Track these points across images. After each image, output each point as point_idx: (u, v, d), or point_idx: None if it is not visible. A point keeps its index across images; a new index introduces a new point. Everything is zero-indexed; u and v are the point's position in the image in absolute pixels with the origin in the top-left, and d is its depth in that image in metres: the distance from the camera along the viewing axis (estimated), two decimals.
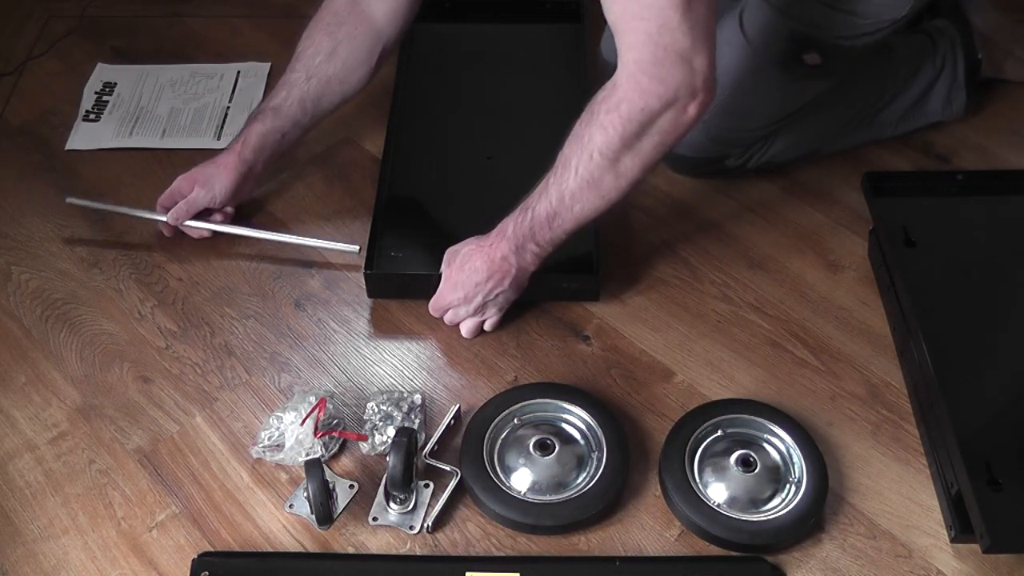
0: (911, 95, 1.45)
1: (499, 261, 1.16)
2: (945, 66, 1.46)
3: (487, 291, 1.18)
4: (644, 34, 0.98)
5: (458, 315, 1.22)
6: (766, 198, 1.42)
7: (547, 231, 1.13)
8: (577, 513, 1.05)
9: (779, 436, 1.10)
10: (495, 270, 1.17)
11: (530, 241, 1.14)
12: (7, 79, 1.63)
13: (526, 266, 1.17)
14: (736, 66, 1.30)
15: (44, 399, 1.19)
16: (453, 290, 1.19)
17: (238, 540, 1.06)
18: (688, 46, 0.99)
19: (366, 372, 1.21)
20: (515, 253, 1.15)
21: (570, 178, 1.08)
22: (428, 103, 1.50)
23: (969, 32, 1.48)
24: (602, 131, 1.04)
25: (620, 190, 1.09)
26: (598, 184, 1.08)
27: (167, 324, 1.27)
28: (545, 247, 1.15)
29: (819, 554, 1.04)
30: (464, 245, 1.20)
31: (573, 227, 1.13)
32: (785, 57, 1.27)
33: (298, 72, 1.30)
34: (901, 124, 1.47)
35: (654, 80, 1.00)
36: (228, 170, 1.30)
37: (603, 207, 1.11)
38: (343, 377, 1.21)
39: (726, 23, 1.31)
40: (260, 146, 1.31)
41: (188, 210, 1.31)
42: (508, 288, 1.18)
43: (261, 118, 1.31)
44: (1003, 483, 1.01)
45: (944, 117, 1.49)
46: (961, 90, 1.47)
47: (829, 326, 1.26)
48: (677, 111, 1.02)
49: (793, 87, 1.32)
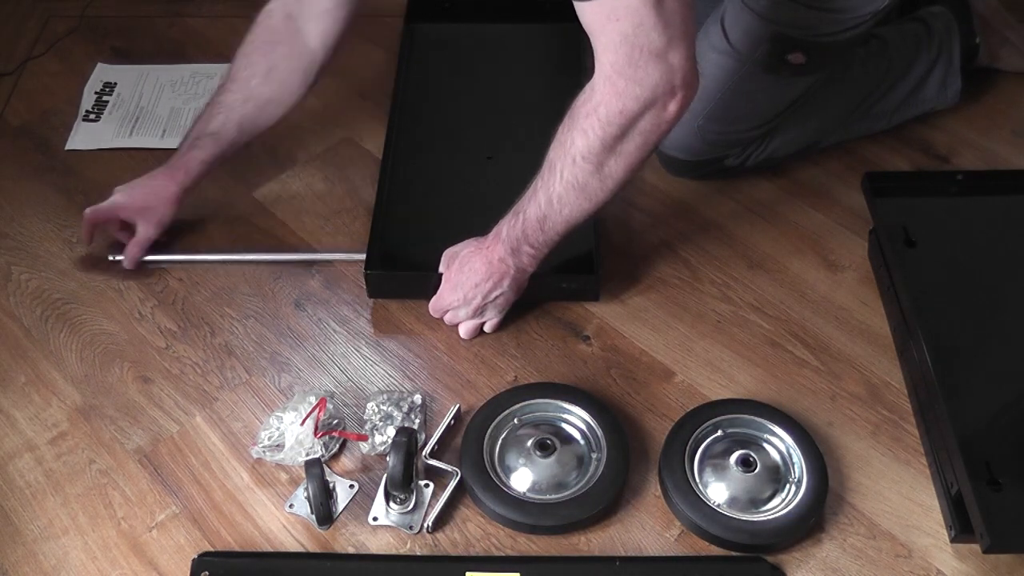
0: (907, 84, 1.45)
1: (497, 263, 1.16)
2: (941, 52, 1.46)
3: (486, 292, 1.18)
4: (619, 35, 0.97)
5: (457, 316, 1.22)
6: (766, 198, 1.42)
7: (539, 233, 1.13)
8: (577, 513, 1.05)
9: (779, 436, 1.10)
10: (493, 271, 1.17)
11: (524, 243, 1.14)
12: (7, 79, 1.63)
13: (524, 267, 1.17)
14: (723, 72, 1.31)
15: (44, 399, 1.19)
16: (453, 291, 1.19)
17: (238, 540, 1.06)
18: (664, 44, 0.97)
19: (366, 372, 1.21)
20: (512, 255, 1.16)
21: (556, 182, 1.08)
22: (428, 103, 1.50)
23: (968, 16, 1.48)
24: (583, 136, 1.04)
25: (607, 191, 1.09)
26: (583, 188, 1.07)
27: (167, 324, 1.27)
28: (540, 248, 1.15)
29: (819, 554, 1.04)
30: (463, 247, 1.20)
31: (564, 228, 1.13)
32: (770, 59, 1.27)
33: (234, 94, 1.30)
34: (897, 113, 1.47)
35: (631, 82, 0.99)
36: (171, 203, 1.30)
37: (591, 208, 1.11)
38: (343, 377, 1.21)
39: (710, 29, 1.31)
40: (201, 174, 1.31)
41: (143, 249, 1.30)
42: (507, 289, 1.19)
43: (201, 145, 1.30)
44: (1003, 483, 1.01)
45: (939, 104, 1.49)
46: (956, 75, 1.47)
47: (829, 326, 1.26)
48: (657, 110, 1.01)
49: (782, 86, 1.32)
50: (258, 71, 1.29)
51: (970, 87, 1.51)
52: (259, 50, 1.29)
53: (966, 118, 1.52)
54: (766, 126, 1.37)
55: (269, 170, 1.46)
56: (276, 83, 1.30)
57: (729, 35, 1.28)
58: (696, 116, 1.34)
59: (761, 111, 1.35)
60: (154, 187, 1.30)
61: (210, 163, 1.31)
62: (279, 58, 1.29)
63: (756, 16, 1.25)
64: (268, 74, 1.29)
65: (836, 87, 1.39)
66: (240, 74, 1.30)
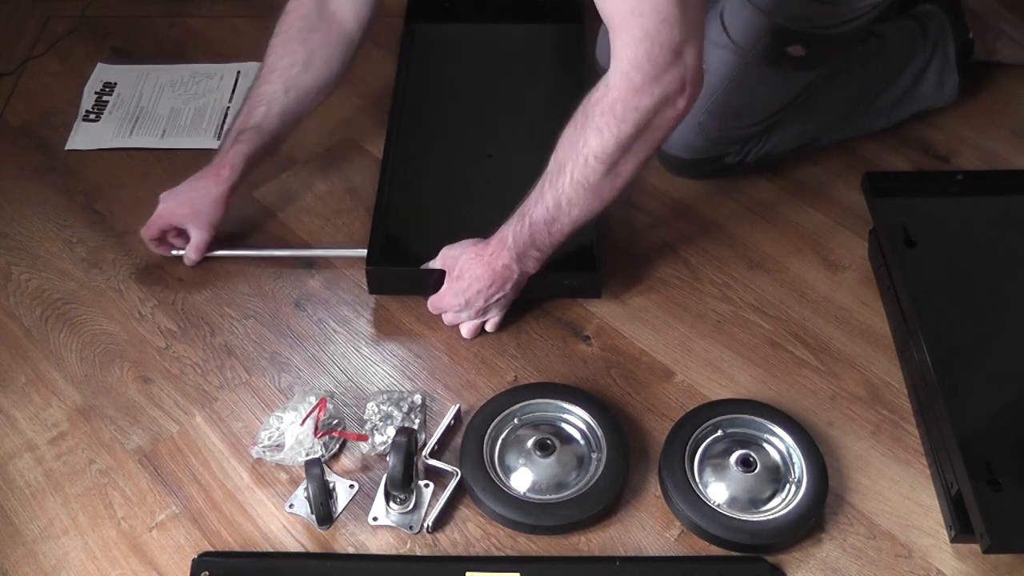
0: (905, 81, 1.46)
1: (501, 269, 1.16)
2: (937, 49, 1.47)
3: (489, 295, 1.18)
4: (641, 31, 0.97)
5: (459, 318, 1.22)
6: (766, 198, 1.42)
7: (546, 236, 1.13)
8: (577, 513, 1.05)
9: (779, 436, 1.10)
10: (497, 277, 1.17)
11: (531, 248, 1.15)
12: (7, 79, 1.63)
13: (528, 271, 1.18)
14: (725, 67, 1.31)
15: (44, 399, 1.19)
16: (455, 297, 1.19)
17: (238, 540, 1.06)
18: (682, 40, 0.98)
19: (366, 372, 1.21)
20: (517, 261, 1.16)
21: (566, 183, 1.08)
22: (428, 103, 1.50)
23: (959, 12, 1.48)
24: (598, 134, 1.03)
25: (616, 190, 1.09)
26: (595, 188, 1.08)
27: (167, 324, 1.27)
28: (546, 251, 1.16)
29: (819, 554, 1.04)
30: (463, 251, 1.20)
31: (572, 229, 1.13)
32: (771, 52, 1.27)
33: (274, 84, 1.28)
34: (896, 111, 1.47)
35: (648, 77, 0.99)
36: (220, 204, 1.28)
37: (600, 208, 1.11)
38: (343, 377, 1.21)
39: (710, 24, 1.30)
40: (247, 169, 1.29)
41: (201, 253, 1.30)
42: (510, 291, 1.19)
43: (245, 139, 1.28)
44: (1003, 483, 1.01)
45: (937, 101, 1.49)
46: (953, 71, 1.47)
47: (829, 326, 1.26)
48: (668, 106, 1.02)
49: (783, 80, 1.33)
50: (298, 60, 1.28)
51: (970, 85, 1.51)
52: (295, 38, 1.28)
53: (966, 117, 1.52)
54: (766, 122, 1.37)
55: (269, 170, 1.46)
56: (317, 70, 1.29)
57: (729, 30, 1.28)
58: (697, 113, 1.33)
59: (761, 106, 1.35)
60: (200, 188, 1.28)
61: (255, 156, 1.29)
62: (317, 44, 1.28)
63: (756, 9, 1.25)
64: (308, 62, 1.28)
65: (835, 84, 1.39)
66: (279, 64, 1.28)
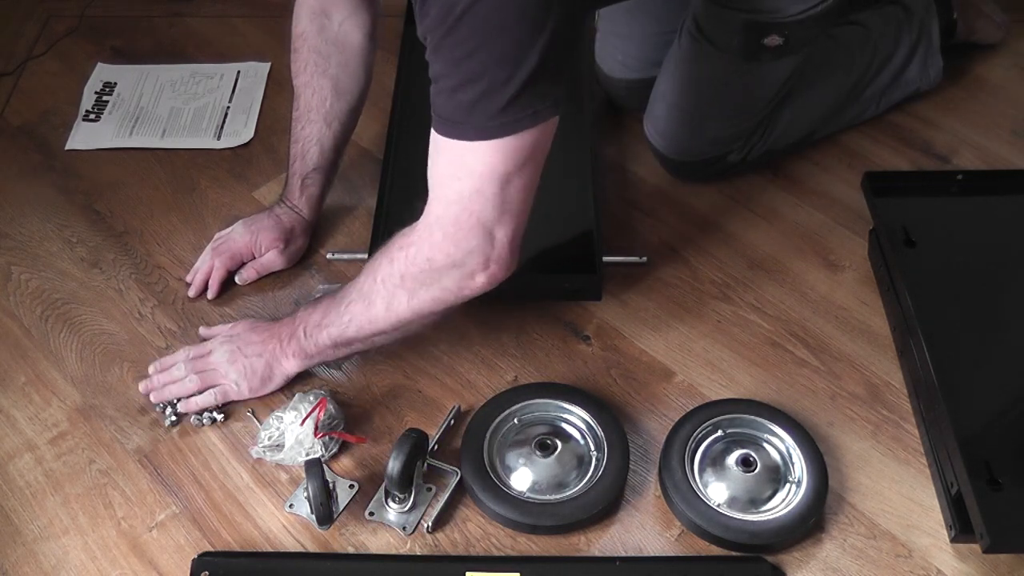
0: (893, 67, 1.47)
1: (281, 338, 1.15)
2: (922, 33, 1.48)
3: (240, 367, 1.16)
4: (455, 194, 0.99)
5: (185, 386, 1.17)
6: (766, 198, 1.42)
7: (320, 330, 1.11)
8: (577, 513, 1.05)
9: (779, 436, 1.10)
10: (270, 338, 1.15)
11: (310, 331, 1.12)
12: (7, 79, 1.63)
13: (287, 362, 1.15)
14: (708, 72, 1.31)
15: (44, 399, 1.19)
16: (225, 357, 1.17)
17: (238, 540, 1.06)
18: (494, 218, 0.99)
19: (366, 372, 1.21)
20: (292, 338, 1.13)
21: (352, 291, 1.08)
22: (428, 103, 1.50)
23: None
24: (389, 262, 1.05)
25: (389, 323, 1.07)
26: (371, 306, 1.07)
27: (167, 324, 1.27)
28: (318, 350, 1.12)
29: (819, 554, 1.04)
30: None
31: (337, 342, 1.11)
32: (747, 47, 1.27)
33: (316, 123, 1.29)
34: (885, 97, 1.49)
35: (447, 239, 1.00)
36: (304, 239, 1.33)
37: (369, 330, 1.08)
38: (343, 377, 1.21)
39: (683, 37, 1.32)
40: (321, 205, 1.35)
41: (260, 273, 1.31)
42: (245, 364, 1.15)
43: (312, 182, 1.31)
44: (1003, 483, 1.01)
45: (922, 85, 1.51)
46: (936, 55, 1.49)
47: (829, 326, 1.26)
48: (464, 275, 1.02)
49: (768, 71, 1.33)
50: (327, 92, 1.29)
51: (970, 84, 1.51)
52: (317, 72, 1.28)
53: (966, 118, 1.52)
54: (762, 114, 1.37)
55: (269, 170, 1.46)
56: (347, 93, 1.30)
57: (705, 32, 1.29)
58: (695, 120, 1.34)
59: (752, 100, 1.36)
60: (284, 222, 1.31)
61: (324, 194, 1.34)
62: (338, 70, 1.28)
63: (724, 7, 1.26)
64: (336, 89, 1.29)
65: (827, 75, 1.41)
66: (313, 102, 1.29)
